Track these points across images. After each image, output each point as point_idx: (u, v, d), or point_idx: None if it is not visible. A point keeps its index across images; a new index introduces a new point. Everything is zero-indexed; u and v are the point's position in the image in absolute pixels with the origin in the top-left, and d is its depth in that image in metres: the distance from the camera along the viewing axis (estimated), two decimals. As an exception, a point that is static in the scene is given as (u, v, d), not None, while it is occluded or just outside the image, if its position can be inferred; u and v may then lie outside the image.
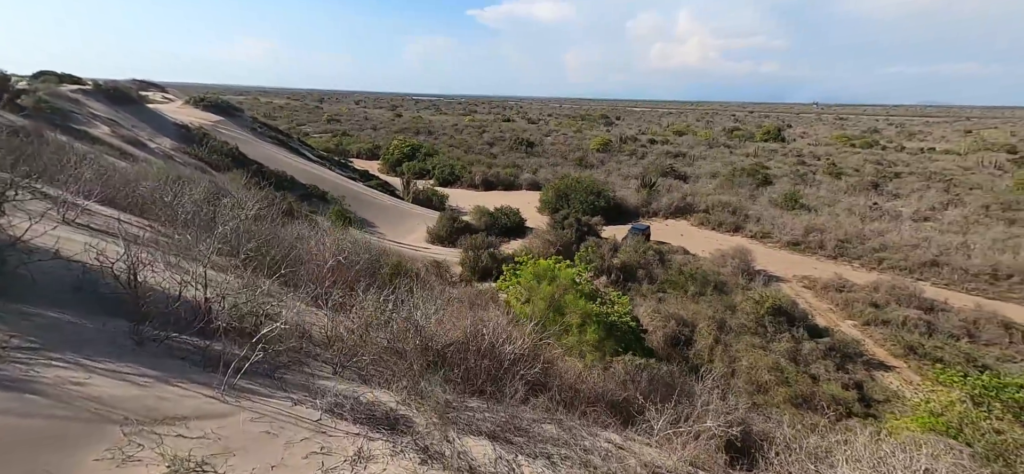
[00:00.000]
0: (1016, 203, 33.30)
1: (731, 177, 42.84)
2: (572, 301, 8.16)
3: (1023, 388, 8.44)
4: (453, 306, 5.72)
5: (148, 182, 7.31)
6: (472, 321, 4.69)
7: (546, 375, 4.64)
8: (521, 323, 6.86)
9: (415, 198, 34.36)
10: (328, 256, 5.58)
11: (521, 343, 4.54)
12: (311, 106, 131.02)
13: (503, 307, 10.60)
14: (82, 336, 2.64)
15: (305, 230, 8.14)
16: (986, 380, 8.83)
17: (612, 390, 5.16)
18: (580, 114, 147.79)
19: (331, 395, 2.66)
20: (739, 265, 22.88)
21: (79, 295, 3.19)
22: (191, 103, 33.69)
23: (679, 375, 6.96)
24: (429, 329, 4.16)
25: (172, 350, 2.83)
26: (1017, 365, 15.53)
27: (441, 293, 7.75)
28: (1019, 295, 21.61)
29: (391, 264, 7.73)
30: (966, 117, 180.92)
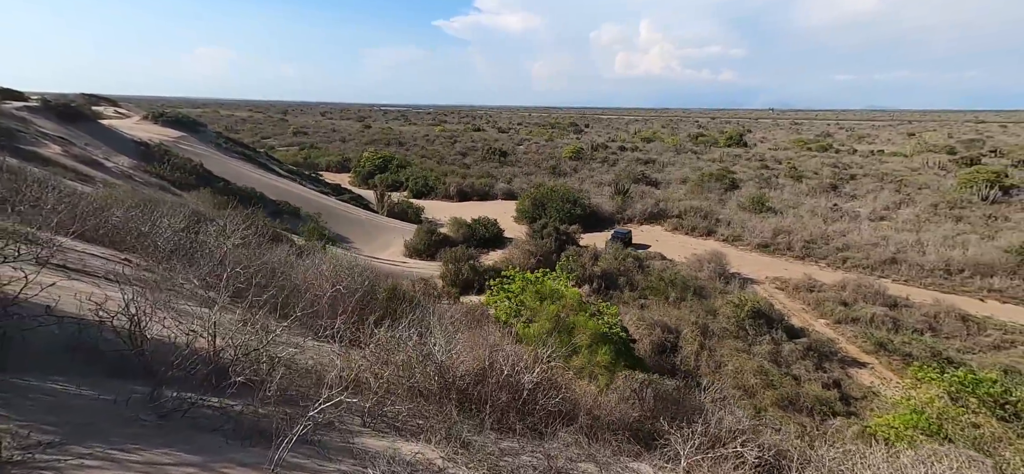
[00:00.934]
0: (961, 201, 35.57)
1: (700, 182, 44.07)
2: (582, 321, 8.09)
3: (996, 383, 8.89)
4: (461, 332, 5.53)
5: (119, 209, 6.75)
6: (487, 349, 4.53)
7: (566, 403, 4.52)
8: (526, 345, 6.71)
9: (390, 211, 33.74)
10: (327, 285, 5.29)
11: (539, 370, 4.41)
12: (275, 118, 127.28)
13: (498, 324, 10.43)
14: (97, 415, 2.31)
15: (292, 255, 7.74)
16: (962, 377, 9.28)
17: (630, 415, 5.08)
18: (549, 122, 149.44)
19: (383, 462, 2.43)
20: (715, 269, 23.44)
21: (75, 355, 2.84)
22: (149, 118, 31.87)
23: (683, 389, 6.98)
24: (446, 362, 3.97)
25: (197, 420, 2.53)
26: (977, 356, 16.46)
27: (442, 315, 7.52)
28: (971, 288, 22.98)
29: (387, 288, 7.43)
30: (908, 120, 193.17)
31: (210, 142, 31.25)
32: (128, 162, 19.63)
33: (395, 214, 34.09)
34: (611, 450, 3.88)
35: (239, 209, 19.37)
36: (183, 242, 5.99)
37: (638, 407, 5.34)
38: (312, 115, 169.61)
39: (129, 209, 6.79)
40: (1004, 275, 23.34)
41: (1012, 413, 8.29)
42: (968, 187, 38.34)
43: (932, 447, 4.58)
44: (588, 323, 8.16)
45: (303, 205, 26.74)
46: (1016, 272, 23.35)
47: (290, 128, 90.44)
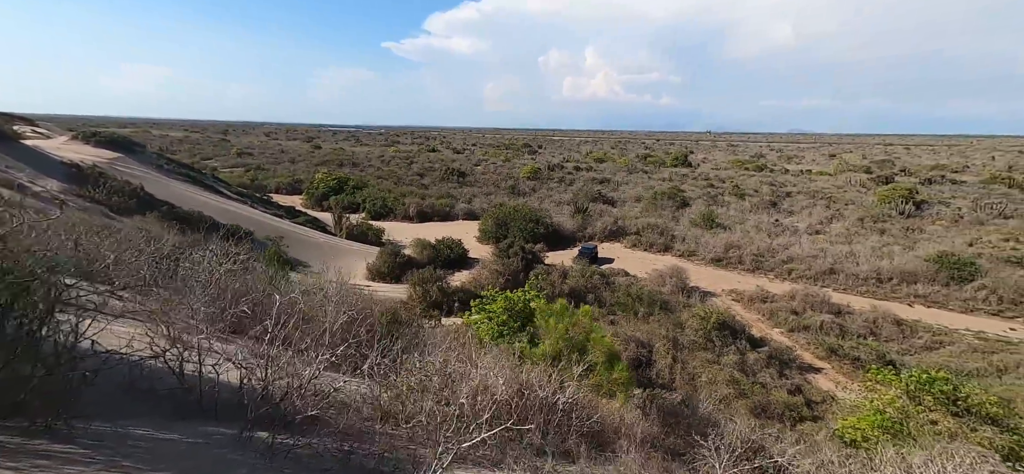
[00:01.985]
0: (882, 216, 39.27)
1: (653, 200, 45.99)
2: (597, 339, 8.10)
3: (948, 382, 9.75)
4: (478, 356, 5.37)
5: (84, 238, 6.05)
6: (514, 373, 4.44)
7: (597, 423, 4.49)
8: (533, 364, 6.64)
9: (349, 233, 32.62)
10: (337, 313, 5.00)
11: (572, 391, 4.36)
12: (215, 139, 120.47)
13: (484, 344, 10.25)
14: (202, 460, 2.02)
15: (283, 282, 7.27)
16: (917, 377, 10.11)
17: (650, 431, 5.12)
18: (504, 143, 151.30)
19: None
20: (677, 283, 24.37)
21: (133, 397, 2.48)
22: (79, 138, 28.94)
23: (681, 402, 7.14)
24: (488, 385, 3.83)
25: (300, 459, 2.28)
26: (913, 357, 18.03)
27: (437, 338, 7.29)
28: (900, 294, 25.25)
29: (387, 312, 7.10)
30: (827, 143, 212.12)
31: (149, 163, 28.87)
32: (58, 186, 17.66)
33: (354, 236, 33.01)
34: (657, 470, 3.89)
35: (185, 233, 18.03)
36: (173, 272, 5.46)
37: (657, 423, 5.40)
38: (255, 135, 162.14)
39: (96, 236, 6.10)
40: (925, 282, 25.83)
41: (964, 409, 9.12)
42: (886, 203, 42.47)
43: (942, 445, 4.92)
44: (603, 340, 8.20)
45: (256, 229, 25.28)
46: (935, 278, 25.92)
47: (234, 149, 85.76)
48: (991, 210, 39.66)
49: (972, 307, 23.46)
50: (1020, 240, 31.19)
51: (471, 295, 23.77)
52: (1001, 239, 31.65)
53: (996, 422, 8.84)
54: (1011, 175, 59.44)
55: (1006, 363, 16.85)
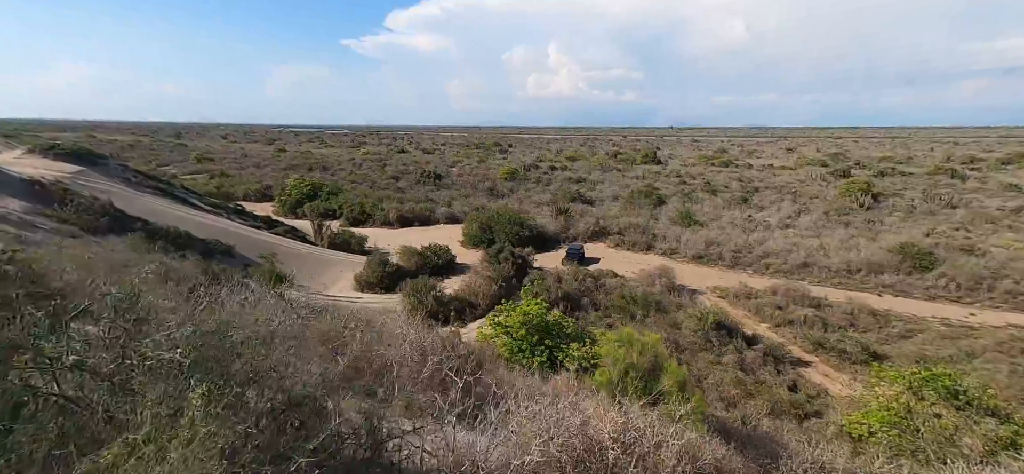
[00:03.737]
0: (845, 209, 41.52)
1: (631, 199, 46.93)
2: (672, 369, 8.18)
3: (950, 376, 10.45)
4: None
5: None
6: (617, 413, 4.44)
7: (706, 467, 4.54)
8: (595, 390, 6.68)
9: (331, 242, 31.70)
10: (418, 355, 4.88)
11: (674, 432, 4.39)
12: (169, 143, 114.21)
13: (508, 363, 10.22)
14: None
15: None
16: (921, 373, 10.80)
17: (736, 464, 5.23)
18: (473, 142, 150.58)
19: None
20: (666, 283, 25.00)
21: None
22: (36, 151, 26.60)
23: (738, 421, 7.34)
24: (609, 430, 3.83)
25: None
26: (891, 346, 19.16)
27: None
28: (869, 285, 26.79)
29: (475, 350, 6.91)
30: (784, 137, 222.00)
31: (116, 176, 26.96)
32: (21, 205, 16.21)
33: (336, 245, 32.10)
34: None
35: (169, 253, 17.10)
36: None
37: (738, 456, 5.51)
38: (211, 137, 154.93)
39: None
40: (891, 272, 27.53)
41: (965, 402, 9.83)
42: (847, 196, 44.96)
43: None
44: (677, 370, 8.30)
45: (236, 243, 24.19)
46: (899, 268, 27.66)
47: (193, 154, 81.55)
48: (940, 201, 42.63)
49: (934, 295, 25.18)
50: (969, 229, 33.70)
51: (466, 303, 23.68)
52: (952, 228, 34.11)
53: (995, 414, 9.58)
54: (952, 167, 64.10)
55: (973, 348, 18.22)
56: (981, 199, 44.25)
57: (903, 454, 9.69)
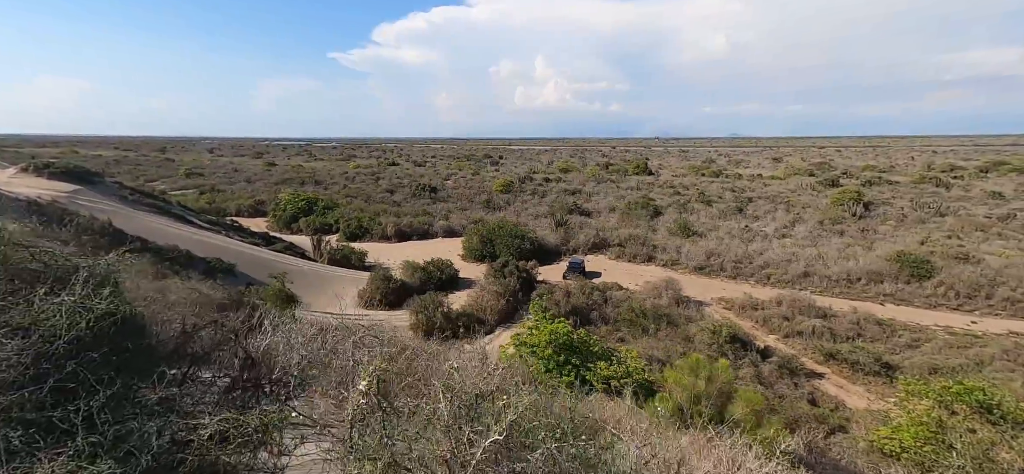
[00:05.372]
0: (838, 218, 42.21)
1: (627, 210, 47.16)
2: (744, 396, 8.02)
3: (982, 390, 10.48)
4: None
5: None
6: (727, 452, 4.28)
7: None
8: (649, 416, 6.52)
9: (331, 259, 31.20)
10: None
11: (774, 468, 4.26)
12: (156, 158, 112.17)
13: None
14: None
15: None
16: (951, 387, 10.82)
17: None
18: (464, 154, 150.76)
19: None
20: (673, 296, 25.00)
21: None
22: (30, 170, 25.75)
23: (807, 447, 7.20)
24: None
25: None
26: (900, 356, 19.32)
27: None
28: (870, 294, 27.14)
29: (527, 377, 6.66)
30: (769, 146, 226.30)
31: (112, 195, 26.20)
32: (19, 227, 15.65)
33: (336, 261, 31.60)
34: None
35: (177, 273, 16.58)
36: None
37: None
38: (197, 152, 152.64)
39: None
40: (890, 281, 27.93)
41: (999, 416, 9.87)
42: (839, 205, 45.76)
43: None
44: (752, 396, 8.15)
45: (237, 261, 23.63)
46: (898, 277, 28.08)
47: (180, 168, 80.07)
48: (929, 209, 43.59)
49: (934, 303, 25.57)
50: (961, 237, 34.45)
51: (475, 319, 23.38)
52: (945, 236, 34.83)
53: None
54: (937, 175, 65.77)
55: (981, 356, 18.44)
56: (968, 207, 45.37)
57: (941, 471, 9.65)
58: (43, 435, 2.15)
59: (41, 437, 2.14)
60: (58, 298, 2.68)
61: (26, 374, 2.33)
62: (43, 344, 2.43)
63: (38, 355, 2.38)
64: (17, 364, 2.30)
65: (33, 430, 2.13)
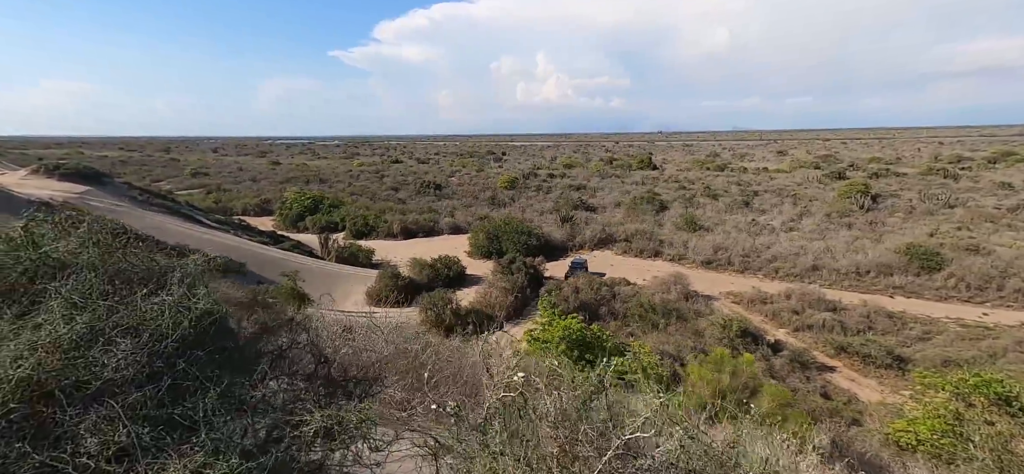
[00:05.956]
0: (846, 211, 41.98)
1: (633, 205, 47.03)
2: (771, 390, 8.03)
3: (1000, 382, 10.43)
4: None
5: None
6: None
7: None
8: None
9: (338, 256, 31.31)
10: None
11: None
12: (161, 158, 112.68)
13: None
14: None
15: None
16: (969, 379, 10.78)
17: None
18: (467, 151, 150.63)
19: None
20: (682, 291, 24.97)
21: None
22: (41, 172, 25.97)
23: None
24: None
25: None
26: (911, 348, 19.25)
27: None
28: (880, 287, 27.01)
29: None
30: (773, 140, 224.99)
31: (122, 195, 26.36)
32: (33, 228, 15.81)
33: (343, 259, 31.70)
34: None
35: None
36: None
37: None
38: (201, 151, 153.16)
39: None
40: (900, 273, 27.78)
41: (1018, 409, 9.82)
42: (846, 198, 45.48)
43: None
44: (778, 391, 8.15)
45: (248, 260, 23.77)
46: (907, 269, 27.93)
47: (187, 169, 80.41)
48: (937, 201, 43.29)
49: (945, 295, 25.44)
50: (970, 228, 34.21)
51: (484, 315, 23.43)
52: (954, 228, 34.60)
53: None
54: (945, 166, 65.26)
55: (994, 348, 18.35)
56: (977, 198, 45.01)
57: (961, 463, 9.63)
58: (168, 432, 2.20)
59: (167, 434, 2.19)
60: (158, 298, 2.71)
61: (143, 373, 2.36)
62: (153, 343, 2.46)
63: (151, 354, 2.41)
64: (134, 363, 2.34)
65: (161, 428, 2.17)
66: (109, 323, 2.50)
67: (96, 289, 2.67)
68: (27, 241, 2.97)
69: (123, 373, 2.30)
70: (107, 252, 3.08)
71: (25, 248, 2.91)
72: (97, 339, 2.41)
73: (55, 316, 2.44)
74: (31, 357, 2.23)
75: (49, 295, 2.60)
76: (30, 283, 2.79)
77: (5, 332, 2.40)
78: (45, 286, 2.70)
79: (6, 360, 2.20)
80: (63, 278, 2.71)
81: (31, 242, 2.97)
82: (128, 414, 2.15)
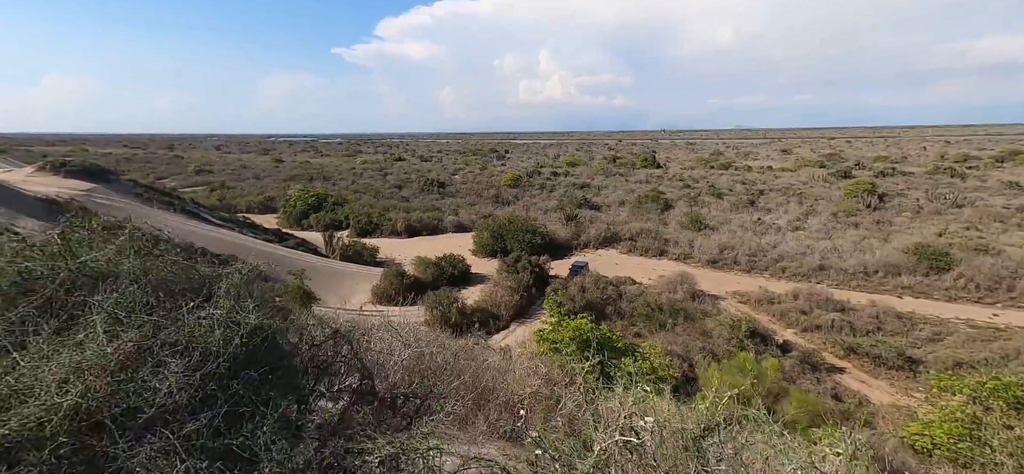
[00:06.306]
0: (852, 210, 41.69)
1: (638, 204, 46.84)
2: (798, 396, 7.90)
3: (1021, 386, 10.24)
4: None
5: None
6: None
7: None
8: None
9: (342, 255, 31.25)
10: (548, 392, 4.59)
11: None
12: (164, 155, 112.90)
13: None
14: None
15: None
16: (987, 382, 10.60)
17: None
18: (470, 149, 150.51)
19: None
20: (688, 290, 24.80)
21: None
22: (48, 169, 25.97)
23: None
24: None
25: None
26: (922, 349, 19.06)
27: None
28: (888, 287, 26.78)
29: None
30: (778, 138, 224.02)
31: (128, 192, 26.34)
32: (40, 226, 15.73)
33: (347, 257, 31.64)
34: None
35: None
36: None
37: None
38: (204, 149, 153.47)
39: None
40: (908, 273, 27.54)
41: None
42: (853, 197, 45.17)
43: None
44: (807, 398, 8.02)
45: (253, 258, 23.70)
46: (916, 270, 27.68)
47: (190, 166, 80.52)
48: (945, 200, 42.94)
49: (954, 295, 25.20)
50: (979, 228, 33.91)
51: (490, 314, 23.33)
52: (963, 228, 34.30)
53: (1072, 424, 9.38)
54: (951, 165, 64.78)
55: (1006, 350, 18.14)
56: (985, 197, 44.64)
57: (978, 468, 9.47)
58: (227, 465, 2.03)
59: (227, 468, 2.02)
60: (205, 312, 2.58)
61: (196, 397, 2.22)
62: (204, 363, 2.32)
63: (203, 376, 2.27)
64: (187, 386, 2.20)
65: (219, 463, 2.01)
66: (157, 341, 2.35)
67: (139, 302, 2.53)
68: (65, 250, 2.80)
69: (176, 398, 2.15)
70: (148, 261, 2.92)
71: (62, 258, 2.74)
72: (145, 360, 2.25)
73: (98, 333, 2.27)
74: (78, 381, 2.05)
75: (89, 309, 2.45)
76: (68, 295, 2.62)
77: (45, 351, 2.23)
78: (85, 298, 2.54)
79: (51, 385, 2.01)
80: (103, 290, 2.56)
81: (69, 251, 2.80)
82: (184, 446, 2.01)
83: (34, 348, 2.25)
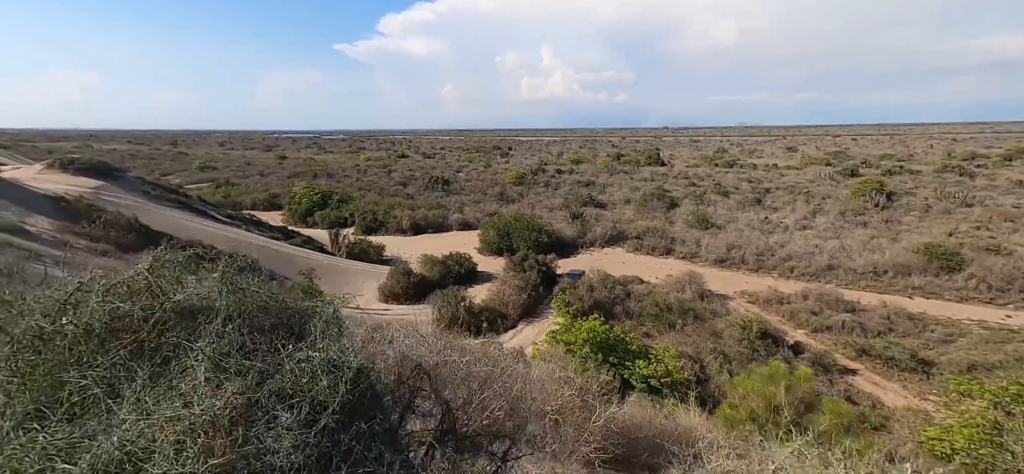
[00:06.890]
0: (860, 208, 41.42)
1: (643, 202, 46.64)
2: (831, 406, 7.78)
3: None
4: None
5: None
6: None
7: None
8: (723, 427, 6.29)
9: (348, 252, 31.22)
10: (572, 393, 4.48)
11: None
12: (168, 151, 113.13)
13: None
14: None
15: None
16: (1010, 387, 10.44)
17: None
18: (473, 146, 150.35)
19: None
20: (697, 290, 24.65)
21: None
22: (56, 166, 25.91)
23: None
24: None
25: None
26: (934, 351, 18.87)
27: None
28: (898, 287, 26.56)
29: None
30: (781, 135, 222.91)
31: (136, 190, 26.32)
32: (50, 223, 15.67)
33: (354, 255, 31.62)
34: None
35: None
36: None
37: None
38: (208, 145, 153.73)
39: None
40: (918, 273, 27.30)
41: (1062, 416, 9.50)
42: (860, 195, 44.86)
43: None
44: (842, 407, 7.90)
45: (259, 255, 23.67)
46: (926, 270, 27.45)
47: (195, 163, 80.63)
48: (954, 199, 42.59)
49: (965, 296, 24.97)
50: (990, 228, 33.62)
51: (498, 314, 23.27)
52: (973, 227, 34.01)
53: (1098, 430, 9.23)
54: (959, 163, 64.29)
55: (1021, 352, 17.94)
56: (994, 196, 44.27)
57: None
58: None
59: None
60: (303, 354, 2.43)
61: (312, 457, 2.05)
62: (314, 416, 2.16)
63: (317, 433, 2.11)
64: (302, 445, 2.02)
65: None
66: (263, 391, 2.17)
67: (235, 345, 2.35)
68: (157, 287, 2.59)
69: (293, 459, 1.97)
70: (241, 296, 2.67)
71: (156, 296, 2.52)
72: (255, 414, 2.07)
73: (199, 382, 2.07)
74: (193, 445, 1.83)
75: (184, 352, 2.27)
76: (160, 337, 2.42)
77: (146, 402, 2.01)
78: (177, 339, 2.36)
79: (168, 451, 1.79)
80: (196, 330, 2.38)
81: (160, 290, 2.58)
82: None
83: (131, 398, 2.03)
